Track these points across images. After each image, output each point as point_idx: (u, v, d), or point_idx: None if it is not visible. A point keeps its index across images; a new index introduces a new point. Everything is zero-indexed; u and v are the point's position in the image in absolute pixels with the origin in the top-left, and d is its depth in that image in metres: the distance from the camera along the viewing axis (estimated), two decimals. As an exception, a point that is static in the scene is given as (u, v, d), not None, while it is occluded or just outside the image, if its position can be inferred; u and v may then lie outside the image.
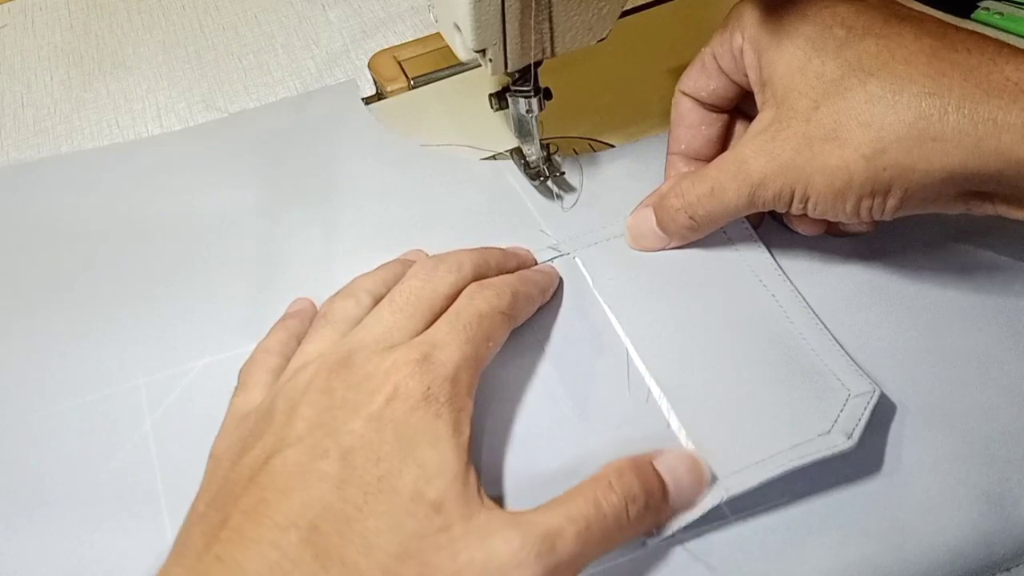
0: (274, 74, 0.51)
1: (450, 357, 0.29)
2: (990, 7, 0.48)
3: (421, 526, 0.26)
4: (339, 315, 0.33)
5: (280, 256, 0.40)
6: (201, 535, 0.26)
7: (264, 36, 0.54)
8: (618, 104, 0.46)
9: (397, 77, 0.49)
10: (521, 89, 0.38)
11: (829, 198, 0.31)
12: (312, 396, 0.29)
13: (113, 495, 0.32)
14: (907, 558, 0.29)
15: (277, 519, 0.26)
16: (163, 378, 0.36)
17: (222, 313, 0.38)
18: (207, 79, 0.51)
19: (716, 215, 0.35)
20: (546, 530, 0.26)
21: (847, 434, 0.30)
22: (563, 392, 0.33)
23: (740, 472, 0.30)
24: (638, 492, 0.28)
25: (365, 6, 0.56)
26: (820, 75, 0.31)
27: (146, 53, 0.54)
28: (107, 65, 0.53)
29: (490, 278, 0.34)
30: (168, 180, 0.44)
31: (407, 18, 0.54)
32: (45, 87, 0.52)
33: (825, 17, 0.32)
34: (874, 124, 0.29)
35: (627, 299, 0.36)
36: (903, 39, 0.30)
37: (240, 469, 0.28)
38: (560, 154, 0.42)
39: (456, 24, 0.35)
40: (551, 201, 0.41)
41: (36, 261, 0.41)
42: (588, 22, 0.36)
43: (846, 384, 0.32)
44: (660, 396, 0.33)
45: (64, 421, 0.35)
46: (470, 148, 0.44)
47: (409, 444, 0.27)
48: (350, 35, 0.53)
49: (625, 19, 0.51)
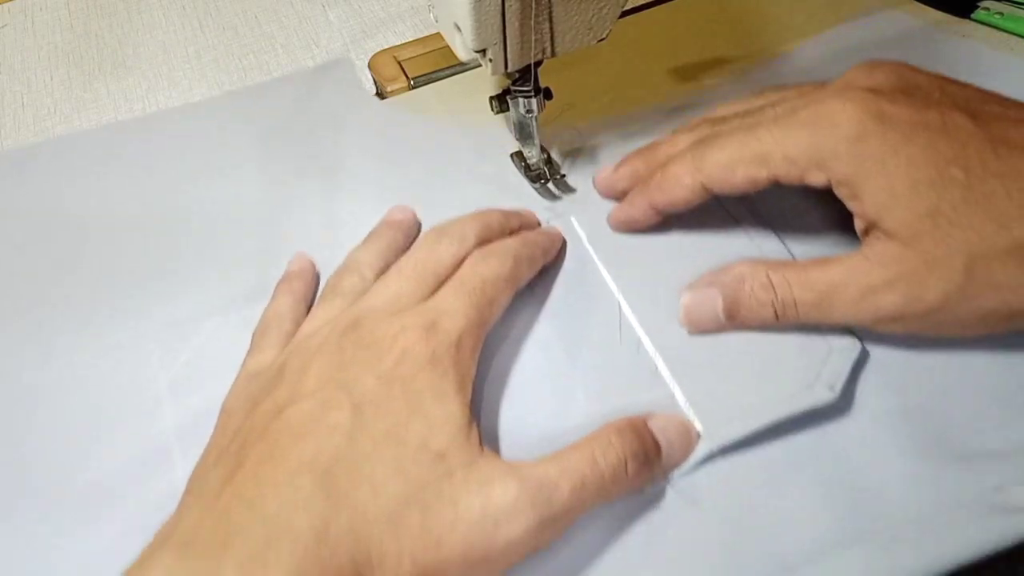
0: (274, 74, 0.51)
1: (455, 323, 0.31)
2: (990, 7, 0.48)
3: (425, 473, 0.27)
4: (346, 288, 0.35)
5: (284, 222, 0.42)
6: (217, 478, 0.28)
7: (264, 36, 0.54)
8: (618, 104, 0.46)
9: (397, 77, 0.49)
10: (521, 89, 0.38)
11: (978, 330, 0.31)
12: (324, 355, 0.31)
13: (128, 454, 0.33)
14: (884, 497, 0.30)
15: (291, 464, 0.27)
16: (175, 337, 0.37)
17: (230, 276, 0.39)
18: (207, 79, 0.51)
19: (808, 321, 0.33)
20: (543, 481, 0.28)
21: (830, 386, 0.32)
22: (558, 344, 0.35)
23: (727, 423, 0.31)
24: (636, 451, 0.30)
25: (365, 6, 0.56)
26: (952, 222, 0.30)
27: (146, 53, 0.54)
28: (107, 65, 0.53)
29: (493, 243, 0.35)
30: (176, 154, 0.46)
31: (407, 18, 0.54)
32: (45, 87, 0.52)
33: (933, 157, 0.30)
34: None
35: (620, 256, 0.37)
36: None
37: (254, 420, 0.29)
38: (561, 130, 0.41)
39: (456, 24, 0.35)
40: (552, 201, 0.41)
41: (47, 233, 0.42)
42: (588, 22, 0.36)
43: (828, 338, 0.33)
44: (651, 348, 0.34)
45: (78, 382, 0.36)
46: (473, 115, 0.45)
47: (416, 399, 0.29)
48: (350, 35, 0.53)
49: (625, 19, 0.51)
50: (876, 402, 0.32)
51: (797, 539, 0.29)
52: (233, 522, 0.26)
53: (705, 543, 0.30)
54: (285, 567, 0.25)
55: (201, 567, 0.25)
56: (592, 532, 0.30)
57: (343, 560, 0.25)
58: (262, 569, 0.25)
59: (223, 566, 0.25)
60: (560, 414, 0.33)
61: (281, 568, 0.25)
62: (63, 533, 0.31)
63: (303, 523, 0.26)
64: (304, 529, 0.26)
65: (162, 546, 0.26)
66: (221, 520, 0.26)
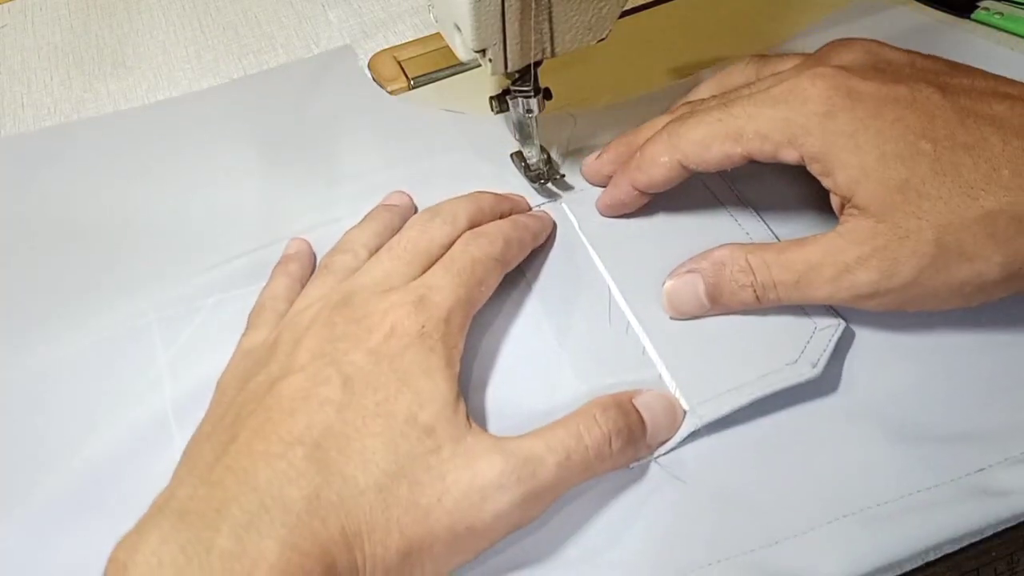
0: (274, 74, 0.51)
1: (444, 299, 0.32)
2: (990, 7, 0.48)
3: (413, 447, 0.28)
4: (339, 266, 0.35)
5: (283, 203, 0.42)
6: (211, 450, 0.28)
7: (264, 36, 0.54)
8: (618, 104, 0.46)
9: (397, 77, 0.49)
10: (521, 89, 0.38)
11: (954, 302, 0.32)
12: (315, 330, 0.31)
13: (128, 430, 0.34)
14: (868, 475, 0.30)
15: (283, 436, 0.28)
16: (175, 315, 0.38)
17: (230, 257, 0.40)
18: (207, 79, 0.51)
19: (789, 302, 0.33)
20: (528, 456, 0.28)
21: (812, 363, 0.32)
22: (547, 325, 0.36)
23: (712, 400, 0.32)
24: (621, 427, 0.30)
25: (365, 6, 0.56)
26: (922, 194, 0.30)
27: (146, 53, 0.54)
28: (107, 65, 0.53)
29: (484, 225, 0.36)
30: (178, 138, 0.47)
31: (407, 18, 0.54)
32: (45, 87, 0.52)
33: (902, 131, 0.31)
34: (999, 235, 0.29)
35: (610, 240, 0.38)
36: (993, 147, 0.30)
37: (246, 393, 0.30)
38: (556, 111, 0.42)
39: (456, 24, 0.35)
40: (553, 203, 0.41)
41: (49, 213, 0.43)
42: (588, 22, 0.36)
43: (813, 317, 0.34)
44: (639, 328, 0.35)
45: (80, 358, 0.36)
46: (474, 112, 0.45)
47: (405, 374, 0.30)
48: (350, 35, 0.53)
49: (625, 19, 0.51)
50: (861, 382, 0.33)
51: (781, 515, 0.30)
52: (227, 492, 0.26)
53: (690, 519, 0.30)
54: (278, 535, 0.25)
55: (196, 535, 0.25)
56: (577, 507, 0.30)
57: (333, 530, 0.26)
58: (256, 537, 0.25)
59: (217, 534, 0.25)
60: (548, 392, 0.33)
61: (274, 536, 0.25)
62: (64, 508, 0.32)
63: (295, 493, 0.26)
64: (296, 499, 0.26)
65: (158, 514, 0.26)
66: (215, 490, 0.26)
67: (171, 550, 0.25)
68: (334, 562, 0.26)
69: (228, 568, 0.24)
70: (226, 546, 0.25)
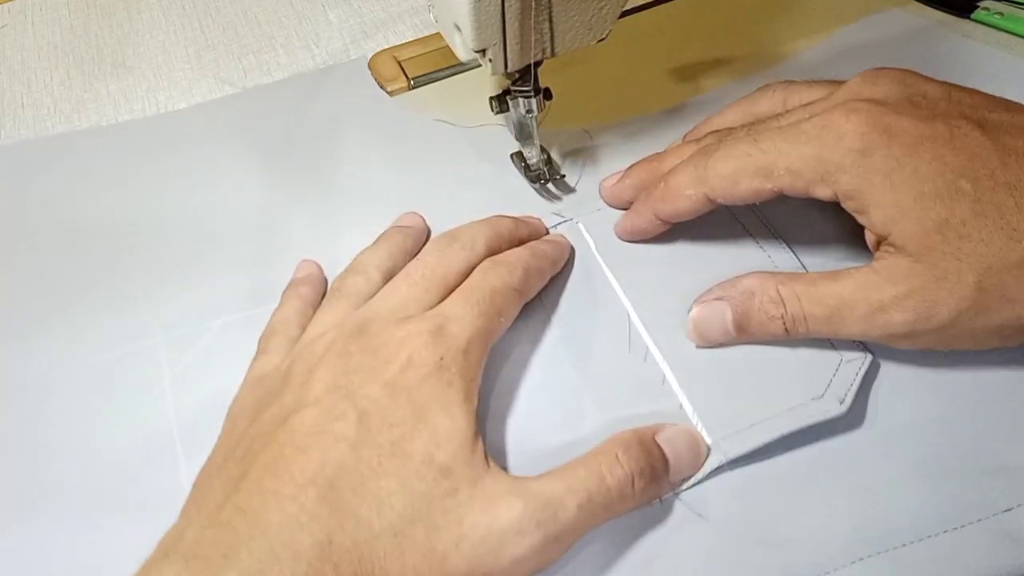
0: (274, 74, 0.51)
1: (463, 330, 0.31)
2: (990, 7, 0.48)
3: (430, 489, 0.27)
4: (352, 289, 0.34)
5: (289, 223, 0.42)
6: (221, 487, 0.28)
7: (264, 36, 0.54)
8: (618, 104, 0.46)
9: (397, 77, 0.49)
10: (521, 89, 0.38)
11: (991, 343, 0.31)
12: (330, 360, 0.30)
13: (132, 449, 0.34)
14: (894, 513, 0.30)
15: (296, 475, 0.27)
16: (181, 336, 0.37)
17: (238, 276, 0.39)
18: (207, 79, 0.51)
19: (818, 336, 0.33)
20: (548, 498, 0.27)
21: (840, 399, 0.31)
22: (565, 353, 0.35)
23: (736, 435, 0.31)
24: (644, 467, 0.29)
25: (365, 6, 0.56)
26: (962, 235, 0.29)
27: (146, 53, 0.54)
28: (107, 65, 0.53)
29: (504, 252, 0.35)
30: (183, 154, 0.46)
31: (407, 18, 0.54)
32: (45, 87, 0.52)
33: (940, 169, 0.30)
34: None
35: (629, 263, 0.37)
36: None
37: (259, 426, 0.29)
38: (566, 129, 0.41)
39: (456, 24, 0.35)
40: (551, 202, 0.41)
41: (56, 226, 0.43)
42: (588, 22, 0.36)
43: (839, 350, 0.33)
44: (659, 357, 0.34)
45: (85, 377, 0.36)
46: (485, 126, 0.45)
47: (422, 410, 0.29)
48: (350, 35, 0.53)
49: (625, 19, 0.51)
50: (887, 416, 0.32)
51: (805, 553, 0.29)
52: (237, 536, 0.25)
53: (712, 556, 0.29)
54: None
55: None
56: (598, 544, 0.30)
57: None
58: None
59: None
60: (568, 424, 0.32)
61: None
62: (66, 528, 0.32)
63: (306, 538, 0.25)
64: (307, 545, 0.25)
65: (164, 557, 0.26)
66: (224, 532, 0.26)
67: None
68: None
69: None
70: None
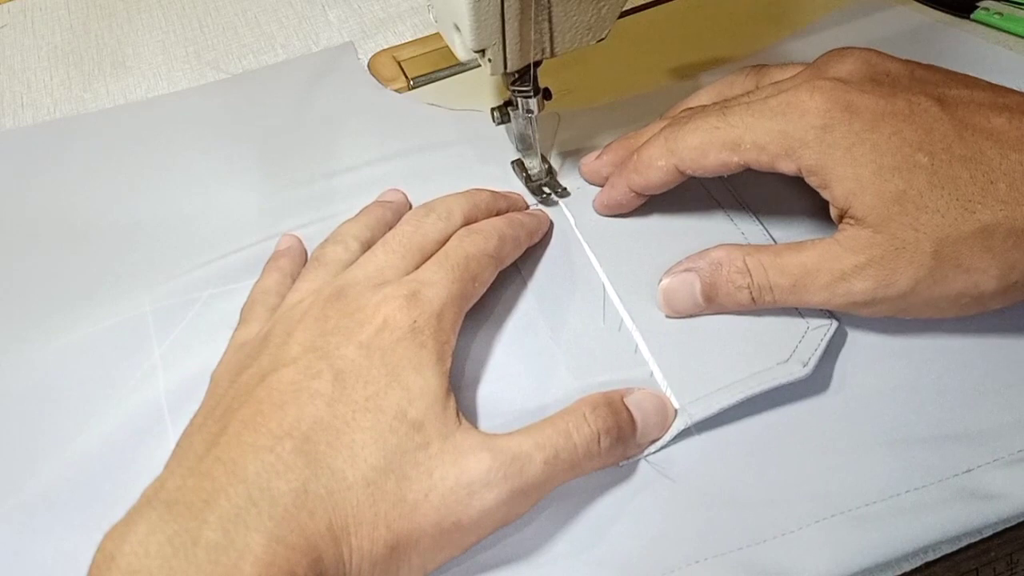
0: (274, 74, 0.51)
1: (437, 294, 0.32)
2: (989, 7, 0.48)
3: (402, 442, 0.28)
4: (331, 258, 0.35)
5: (280, 198, 0.43)
6: (201, 441, 0.28)
7: (264, 36, 0.54)
8: (617, 104, 0.46)
9: (397, 77, 0.49)
10: (521, 89, 0.38)
11: (949, 312, 0.32)
12: (307, 323, 0.31)
13: (122, 420, 0.34)
14: (858, 475, 0.30)
15: (273, 428, 0.28)
16: (170, 306, 0.38)
17: (228, 250, 0.40)
18: (207, 79, 0.51)
19: (784, 305, 0.33)
20: (516, 454, 0.28)
21: (803, 363, 0.32)
22: (542, 321, 0.36)
23: (703, 398, 0.32)
24: (611, 426, 0.30)
25: (365, 6, 0.56)
26: (919, 206, 0.30)
27: (146, 53, 0.54)
28: (107, 65, 0.53)
29: (480, 221, 0.36)
30: (175, 134, 0.47)
31: (407, 18, 0.54)
32: (45, 87, 0.52)
33: (898, 143, 0.31)
34: (995, 248, 0.30)
35: (606, 238, 0.38)
36: (990, 160, 0.30)
37: (238, 385, 0.30)
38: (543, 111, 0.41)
39: (456, 24, 0.35)
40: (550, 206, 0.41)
41: (46, 202, 0.44)
42: (588, 22, 0.36)
43: (806, 317, 0.34)
44: (632, 326, 0.35)
45: (75, 348, 0.37)
46: (474, 111, 0.46)
47: (395, 369, 0.30)
48: (350, 35, 0.53)
49: (625, 19, 0.51)
50: (853, 383, 0.33)
51: (769, 514, 0.30)
52: (215, 483, 0.26)
53: (678, 517, 0.30)
54: (264, 528, 0.25)
55: (183, 526, 0.25)
56: (565, 504, 0.30)
57: (320, 524, 0.26)
58: (242, 529, 0.25)
59: (204, 525, 0.25)
60: (541, 389, 0.33)
61: (261, 529, 0.25)
62: (58, 498, 0.32)
63: (283, 487, 0.26)
64: (284, 491, 0.26)
65: (147, 504, 0.26)
66: (204, 481, 0.26)
67: (158, 541, 0.25)
68: (320, 556, 0.26)
69: (214, 560, 0.24)
70: (213, 538, 0.25)
